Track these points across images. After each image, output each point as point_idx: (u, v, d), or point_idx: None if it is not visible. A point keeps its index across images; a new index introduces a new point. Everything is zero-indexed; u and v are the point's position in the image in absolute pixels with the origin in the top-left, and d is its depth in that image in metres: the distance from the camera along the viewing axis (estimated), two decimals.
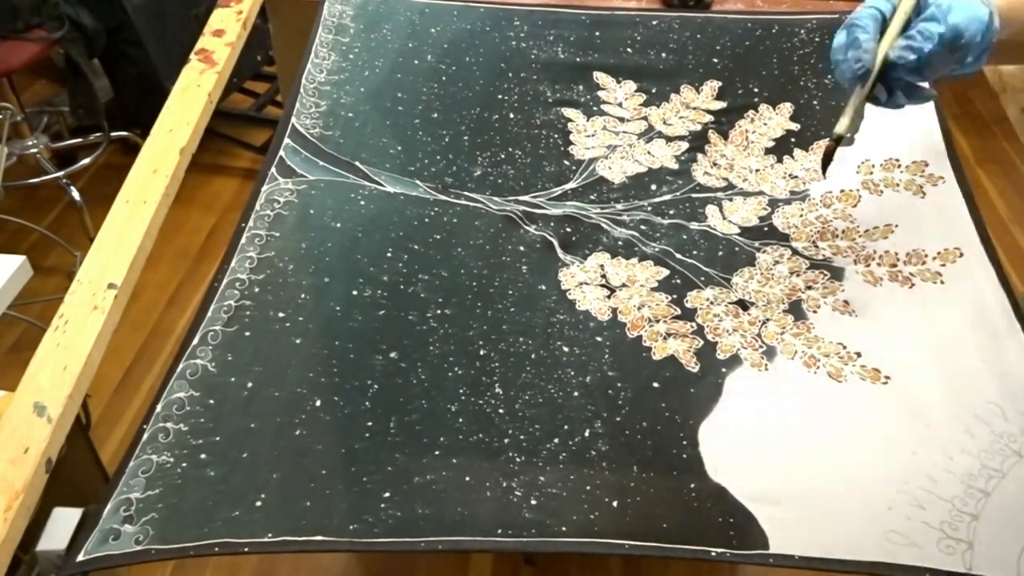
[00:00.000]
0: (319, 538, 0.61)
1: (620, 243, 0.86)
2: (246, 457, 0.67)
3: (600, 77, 1.03)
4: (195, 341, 0.74)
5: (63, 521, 0.62)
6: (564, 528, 0.63)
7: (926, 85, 0.72)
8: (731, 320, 0.79)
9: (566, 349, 0.76)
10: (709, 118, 0.98)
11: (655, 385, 0.73)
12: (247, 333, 0.75)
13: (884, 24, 0.71)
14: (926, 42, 0.68)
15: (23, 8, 1.81)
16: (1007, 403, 0.70)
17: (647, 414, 0.71)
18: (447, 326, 0.77)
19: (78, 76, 1.97)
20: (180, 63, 0.97)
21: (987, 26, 0.69)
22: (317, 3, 1.09)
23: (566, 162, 0.94)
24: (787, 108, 0.98)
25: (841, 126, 0.68)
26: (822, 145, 0.80)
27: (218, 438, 0.68)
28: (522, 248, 0.85)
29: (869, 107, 0.72)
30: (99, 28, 1.95)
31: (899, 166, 0.91)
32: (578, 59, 1.04)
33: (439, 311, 0.79)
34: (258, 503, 0.63)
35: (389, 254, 0.84)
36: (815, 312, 0.79)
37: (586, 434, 0.69)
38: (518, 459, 0.67)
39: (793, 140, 0.95)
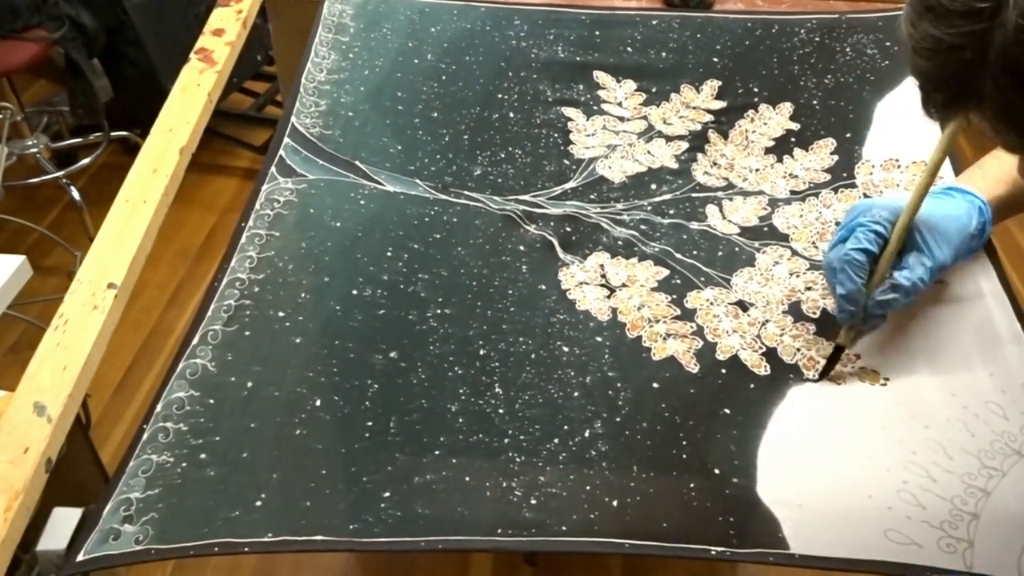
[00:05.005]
0: (319, 538, 0.61)
1: (620, 243, 0.86)
2: (246, 457, 0.67)
3: (600, 76, 1.03)
4: (195, 341, 0.74)
5: (63, 521, 0.62)
6: (564, 528, 0.63)
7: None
8: (731, 321, 0.78)
9: (566, 349, 0.76)
10: (709, 118, 0.98)
11: (655, 385, 0.73)
12: (247, 333, 0.75)
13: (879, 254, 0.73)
14: (887, 308, 0.72)
15: (23, 8, 1.81)
16: (1007, 403, 0.70)
17: (647, 414, 0.71)
18: (447, 326, 0.77)
19: (78, 76, 1.97)
20: (180, 63, 0.97)
21: (975, 236, 0.76)
22: (317, 2, 1.09)
23: (566, 161, 0.94)
24: (787, 108, 0.98)
25: (841, 340, 0.74)
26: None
27: (218, 438, 0.68)
28: (522, 248, 0.85)
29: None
30: (99, 28, 1.95)
31: (899, 167, 0.90)
32: (578, 58, 1.04)
33: (439, 311, 0.79)
34: (258, 503, 0.63)
35: (389, 253, 0.84)
36: (815, 314, 0.79)
37: (586, 434, 0.69)
38: (518, 459, 0.67)
39: (793, 140, 0.95)
